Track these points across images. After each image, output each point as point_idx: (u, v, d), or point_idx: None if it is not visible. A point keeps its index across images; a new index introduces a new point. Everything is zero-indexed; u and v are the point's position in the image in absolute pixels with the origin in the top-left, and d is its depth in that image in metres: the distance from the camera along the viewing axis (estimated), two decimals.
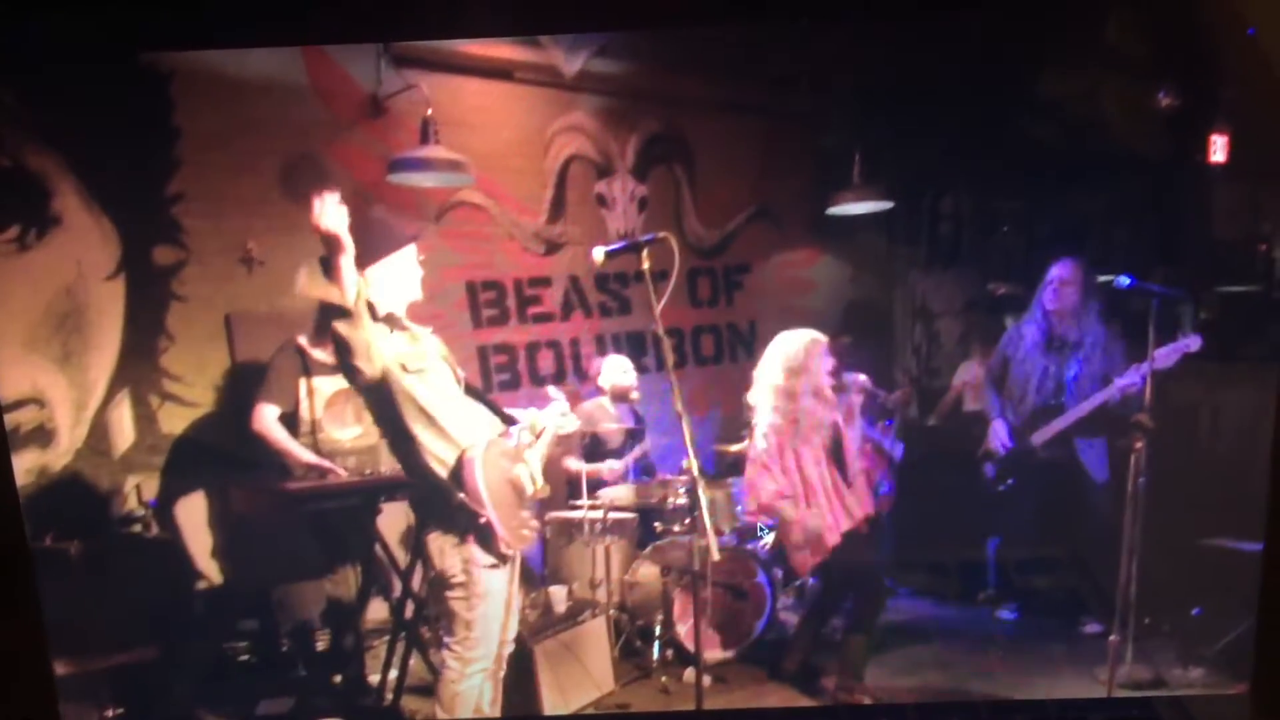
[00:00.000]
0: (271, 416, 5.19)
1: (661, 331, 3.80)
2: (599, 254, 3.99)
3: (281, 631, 5.36)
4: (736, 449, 6.34)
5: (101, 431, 5.31)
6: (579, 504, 5.74)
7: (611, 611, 5.54)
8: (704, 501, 3.86)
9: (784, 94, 7.82)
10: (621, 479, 6.24)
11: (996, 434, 6.03)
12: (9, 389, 4.93)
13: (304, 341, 5.25)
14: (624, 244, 4.04)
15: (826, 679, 5.30)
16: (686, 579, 5.48)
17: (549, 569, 5.98)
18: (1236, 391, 5.68)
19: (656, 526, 5.91)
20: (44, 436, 5.11)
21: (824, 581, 5.64)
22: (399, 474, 4.41)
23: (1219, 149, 6.09)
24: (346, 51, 5.96)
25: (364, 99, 6.11)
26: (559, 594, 5.50)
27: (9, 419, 4.89)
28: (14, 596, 3.48)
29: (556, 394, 4.60)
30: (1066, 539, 5.92)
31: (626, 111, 7.39)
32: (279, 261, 5.75)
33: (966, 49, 6.33)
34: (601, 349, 7.26)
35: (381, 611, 5.65)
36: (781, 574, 6.21)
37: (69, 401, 5.18)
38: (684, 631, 5.50)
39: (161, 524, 5.37)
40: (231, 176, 5.62)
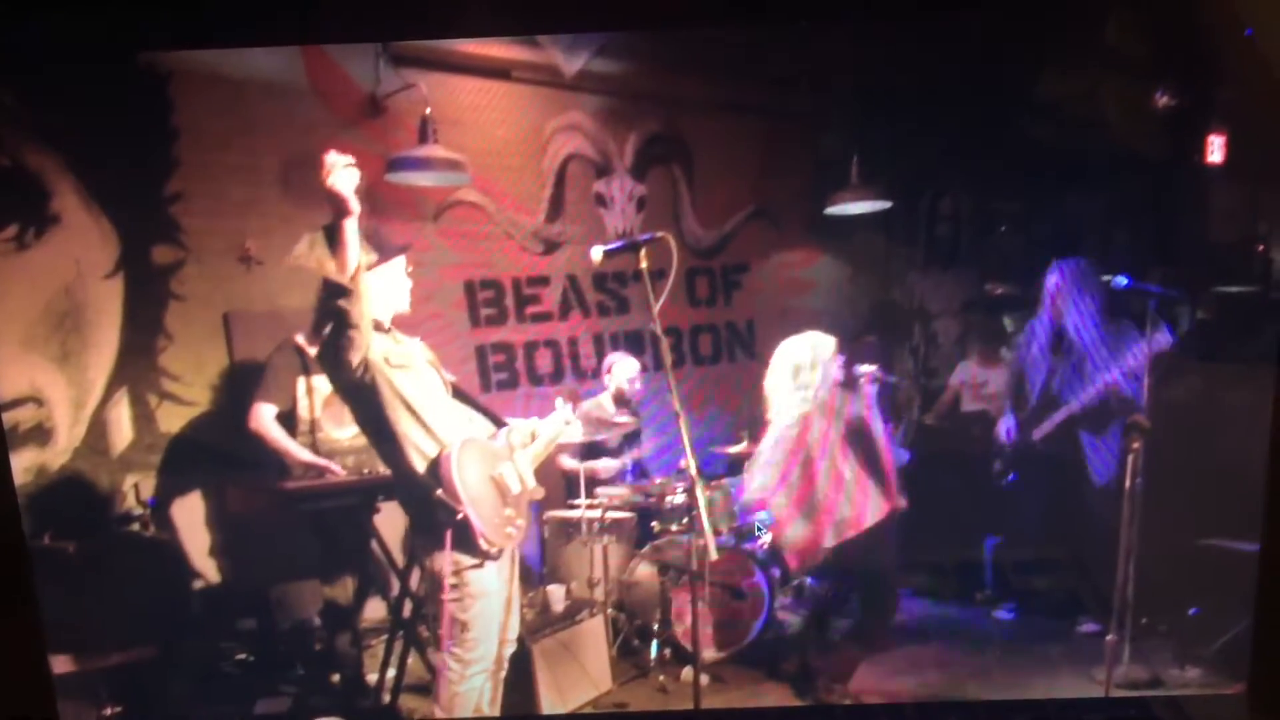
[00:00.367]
0: (269, 416, 5.19)
1: (660, 331, 3.80)
2: (597, 253, 4.00)
3: (279, 631, 5.36)
4: (735, 449, 6.34)
5: (100, 430, 5.31)
6: (577, 503, 5.74)
7: (609, 611, 5.55)
8: (702, 501, 3.86)
9: (783, 94, 7.81)
10: (618, 476, 6.24)
11: (1005, 428, 6.09)
12: (7, 387, 4.93)
13: (302, 340, 5.25)
14: (622, 243, 4.04)
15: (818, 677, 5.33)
16: (684, 579, 5.48)
17: (547, 568, 5.98)
18: (1234, 392, 5.68)
19: (654, 526, 5.91)
20: (42, 435, 5.11)
21: (833, 581, 5.63)
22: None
23: (1217, 149, 6.09)
24: (345, 51, 5.95)
25: (362, 98, 6.10)
26: (557, 593, 5.51)
27: (7, 417, 4.89)
28: (12, 595, 3.48)
29: (562, 405, 4.60)
30: (1064, 538, 5.92)
31: (625, 111, 7.38)
32: (277, 261, 5.75)
33: (966, 49, 6.33)
34: (600, 348, 7.26)
35: (380, 611, 5.66)
36: (779, 573, 6.22)
37: (67, 400, 5.18)
38: (681, 631, 5.50)
39: (160, 523, 5.37)
40: (230, 176, 5.62)
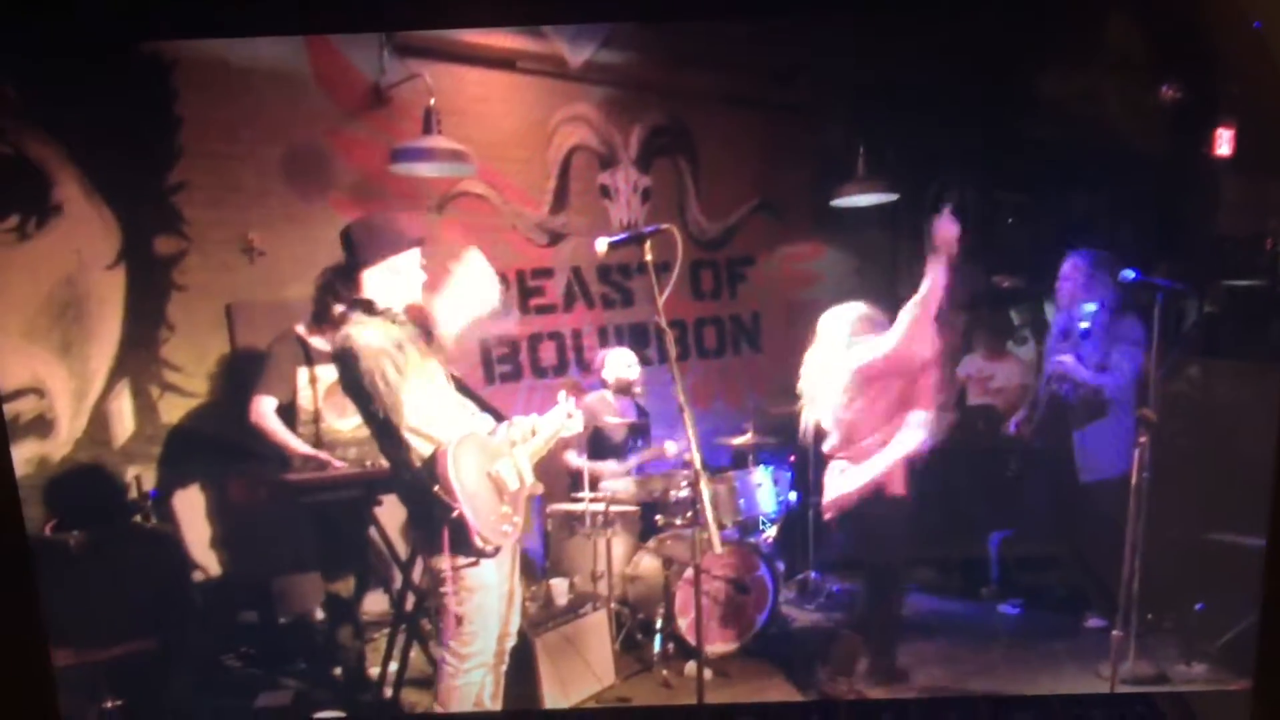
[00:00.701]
0: (269, 408, 5.17)
1: (664, 323, 3.78)
2: (602, 245, 3.98)
3: (281, 623, 5.36)
4: (739, 442, 6.33)
5: (101, 422, 5.30)
6: (580, 496, 5.73)
7: (613, 605, 5.53)
8: (706, 495, 3.84)
9: (788, 87, 7.80)
10: (623, 477, 6.22)
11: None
12: (9, 378, 4.93)
13: (303, 330, 5.23)
14: (627, 235, 4.02)
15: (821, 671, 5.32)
16: (688, 572, 5.46)
17: (550, 561, 5.97)
18: (1241, 386, 5.66)
19: (658, 519, 5.90)
20: (44, 426, 5.10)
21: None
22: None
23: (1224, 143, 6.06)
24: (349, 41, 5.94)
25: (367, 88, 6.09)
26: (560, 586, 5.49)
27: (9, 408, 4.88)
28: (13, 587, 3.47)
29: (564, 399, 4.58)
30: (1063, 532, 5.92)
31: (630, 102, 7.36)
32: (280, 252, 5.74)
33: (973, 41, 6.30)
34: (604, 341, 7.24)
35: (382, 604, 5.65)
36: (784, 567, 6.22)
37: (69, 391, 5.18)
38: (685, 625, 5.48)
39: (161, 515, 5.37)
40: (233, 166, 5.62)
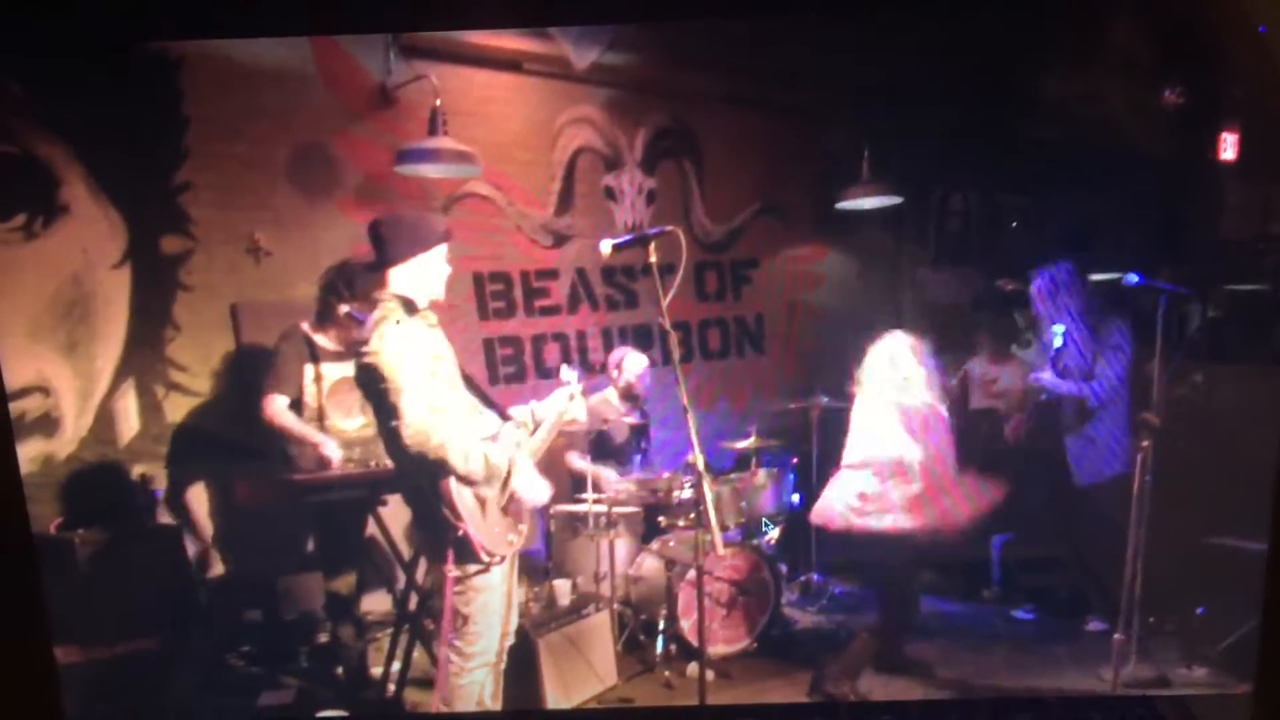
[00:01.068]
0: (282, 405, 5.19)
1: (668, 325, 3.79)
2: (606, 247, 3.99)
3: (285, 622, 5.37)
4: (742, 444, 6.33)
5: (107, 421, 5.31)
6: (583, 497, 5.73)
7: (615, 606, 5.54)
8: (709, 496, 3.85)
9: (793, 89, 7.80)
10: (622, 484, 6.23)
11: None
12: (14, 377, 4.93)
13: (308, 327, 5.24)
14: (631, 237, 4.03)
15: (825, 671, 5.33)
16: (691, 574, 5.47)
17: (553, 562, 5.97)
18: (1243, 390, 5.66)
19: (661, 521, 5.91)
20: (49, 425, 5.11)
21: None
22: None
23: (1228, 146, 6.07)
24: (356, 41, 5.95)
25: (373, 89, 6.10)
26: (563, 587, 5.50)
27: (14, 407, 4.89)
28: (17, 585, 3.48)
29: (569, 374, 4.57)
30: (1062, 534, 5.94)
31: (635, 105, 7.37)
32: (286, 252, 5.75)
33: (977, 44, 6.30)
34: (608, 342, 7.25)
35: (385, 604, 5.66)
36: (786, 569, 6.22)
37: (74, 390, 5.19)
38: (687, 626, 5.49)
39: (166, 514, 5.38)
40: (239, 166, 5.62)
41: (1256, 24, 3.81)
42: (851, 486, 5.26)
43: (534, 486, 4.25)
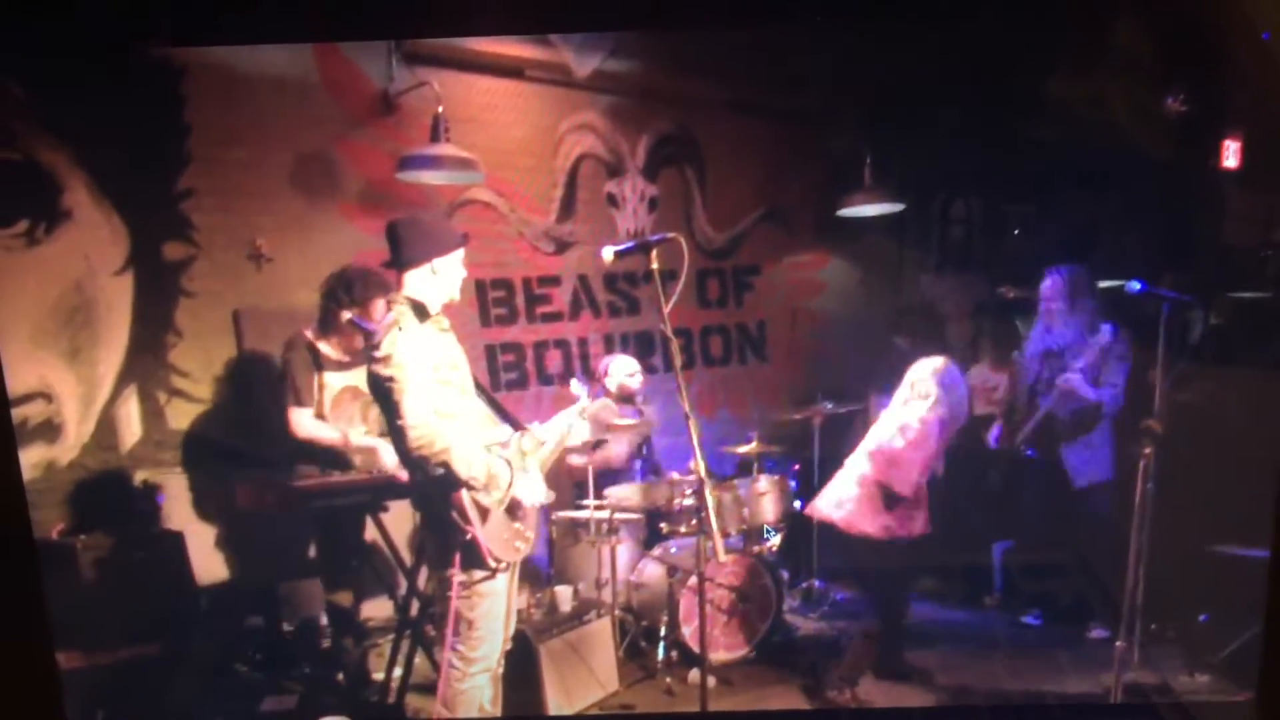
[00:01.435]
0: (307, 418, 5.17)
1: (670, 332, 3.79)
2: (608, 254, 3.99)
3: (287, 628, 5.37)
4: (744, 450, 6.33)
5: (109, 427, 5.32)
6: (585, 504, 5.73)
7: (617, 612, 5.54)
8: (710, 503, 3.85)
9: (795, 96, 7.81)
10: (628, 469, 6.22)
11: (992, 433, 6.24)
12: (17, 383, 4.94)
13: (311, 335, 5.24)
14: (633, 244, 4.03)
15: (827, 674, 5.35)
16: (692, 580, 5.47)
17: (555, 569, 5.97)
18: (1246, 397, 5.66)
19: (662, 527, 5.90)
20: (51, 431, 5.12)
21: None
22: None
23: (1231, 154, 6.07)
24: (358, 48, 5.96)
25: (375, 96, 6.12)
26: (565, 594, 5.50)
27: (17, 413, 4.90)
28: (19, 591, 3.48)
29: (579, 388, 4.56)
30: (1061, 542, 5.94)
31: (637, 111, 7.39)
32: (288, 258, 5.76)
33: (979, 52, 6.31)
34: (610, 349, 7.25)
35: (386, 609, 5.66)
36: (788, 576, 6.22)
37: (77, 396, 5.19)
38: (689, 633, 5.49)
39: (167, 520, 5.38)
40: (241, 173, 5.64)
41: (1260, 31, 3.81)
42: (842, 484, 5.33)
43: (536, 492, 4.25)
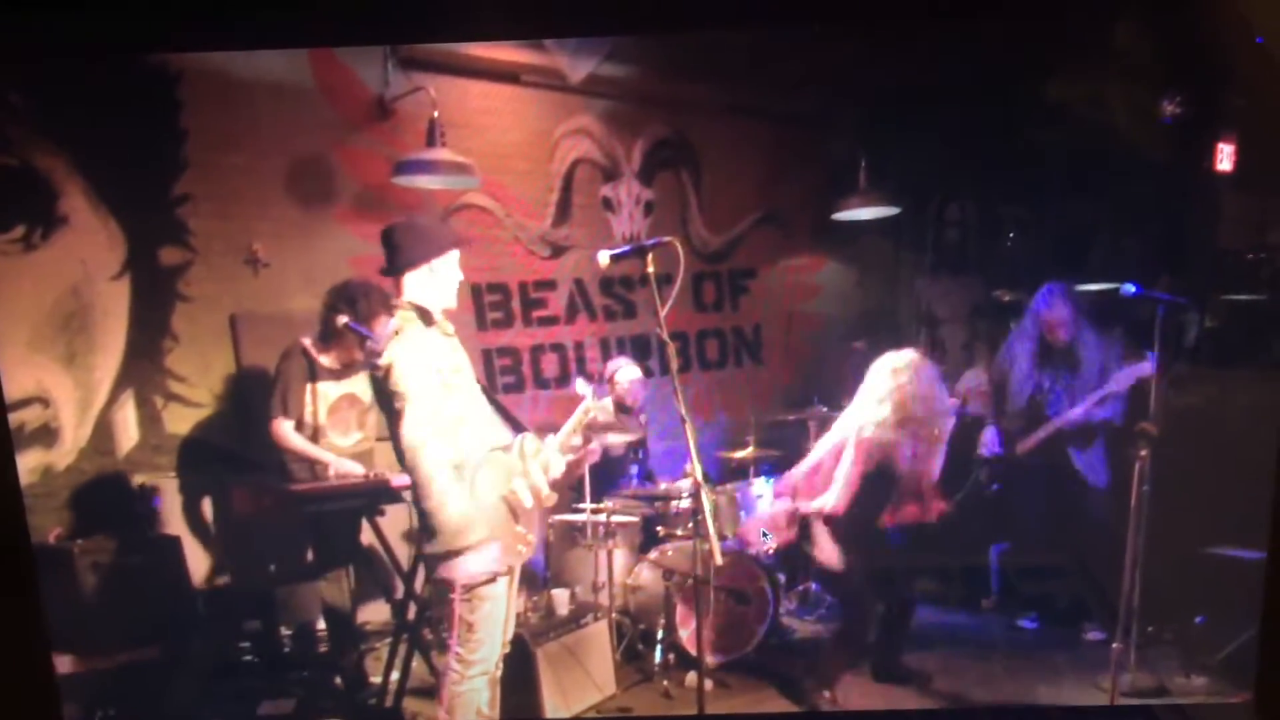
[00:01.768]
0: (290, 429, 5.19)
1: (666, 335, 3.79)
2: (604, 257, 3.98)
3: (284, 632, 5.37)
4: (740, 454, 6.34)
5: (106, 431, 5.32)
6: (582, 507, 5.74)
7: (614, 615, 5.54)
8: (707, 506, 3.85)
9: (790, 99, 7.83)
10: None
11: (985, 440, 6.10)
12: (14, 388, 4.94)
13: (308, 343, 5.25)
14: (629, 248, 4.03)
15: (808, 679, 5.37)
16: (689, 583, 5.47)
17: (552, 572, 5.97)
18: (1241, 399, 5.67)
19: (659, 530, 5.91)
20: (48, 436, 5.12)
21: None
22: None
23: (1226, 157, 6.09)
24: (354, 53, 5.97)
25: (371, 101, 6.12)
26: (561, 597, 5.49)
27: (14, 418, 4.89)
28: (16, 595, 3.48)
29: (585, 387, 4.56)
30: (1058, 544, 5.93)
31: (633, 115, 7.40)
32: (284, 263, 5.77)
33: (975, 56, 6.33)
34: (606, 353, 7.26)
35: (383, 613, 5.66)
36: (784, 579, 6.22)
37: (74, 401, 5.19)
38: (686, 636, 5.49)
39: (164, 524, 5.38)
40: (238, 178, 5.64)
41: (1255, 35, 3.82)
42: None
43: (538, 493, 4.24)
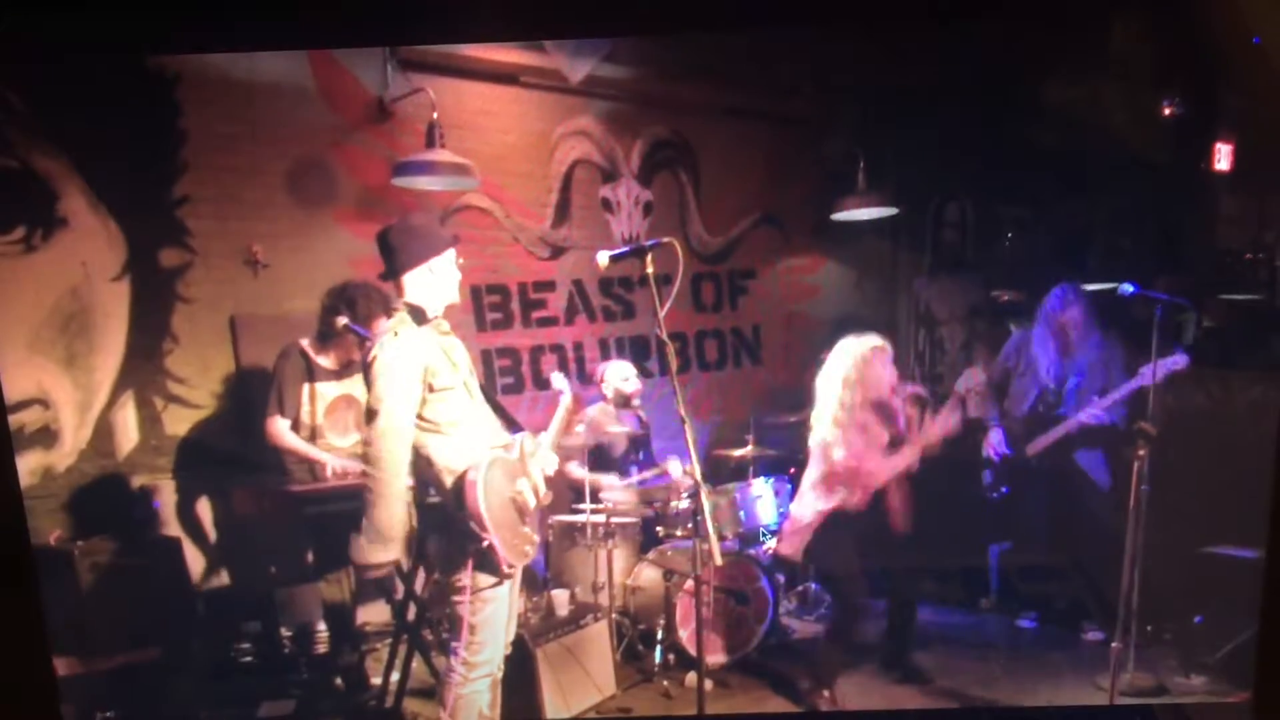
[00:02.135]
0: (285, 429, 5.21)
1: (665, 336, 3.80)
2: (603, 258, 3.99)
3: (283, 633, 5.37)
4: (740, 454, 6.35)
5: (106, 433, 5.32)
6: (581, 508, 5.75)
7: (614, 615, 5.54)
8: (706, 506, 3.85)
9: (789, 100, 7.84)
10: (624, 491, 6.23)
11: (992, 442, 6.07)
12: (14, 390, 4.94)
13: (306, 344, 5.26)
14: (628, 248, 4.03)
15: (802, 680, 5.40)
16: (689, 583, 5.48)
17: (552, 572, 5.98)
18: (1239, 399, 5.68)
19: (659, 531, 5.91)
20: (48, 437, 5.12)
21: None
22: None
23: (1224, 157, 6.10)
24: (353, 55, 5.97)
25: (370, 102, 6.12)
26: (561, 597, 5.50)
27: (14, 419, 4.90)
28: (16, 597, 3.48)
29: (560, 382, 4.57)
30: (1065, 546, 5.93)
31: (632, 116, 7.40)
32: (284, 264, 5.77)
33: (973, 56, 6.34)
34: (605, 353, 7.27)
35: (384, 614, 5.66)
36: (784, 579, 6.22)
37: (73, 403, 5.19)
38: (686, 636, 5.50)
39: (165, 525, 5.38)
40: (237, 179, 5.64)
41: (1251, 35, 3.83)
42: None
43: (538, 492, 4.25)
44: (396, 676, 4.98)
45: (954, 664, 5.65)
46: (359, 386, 5.26)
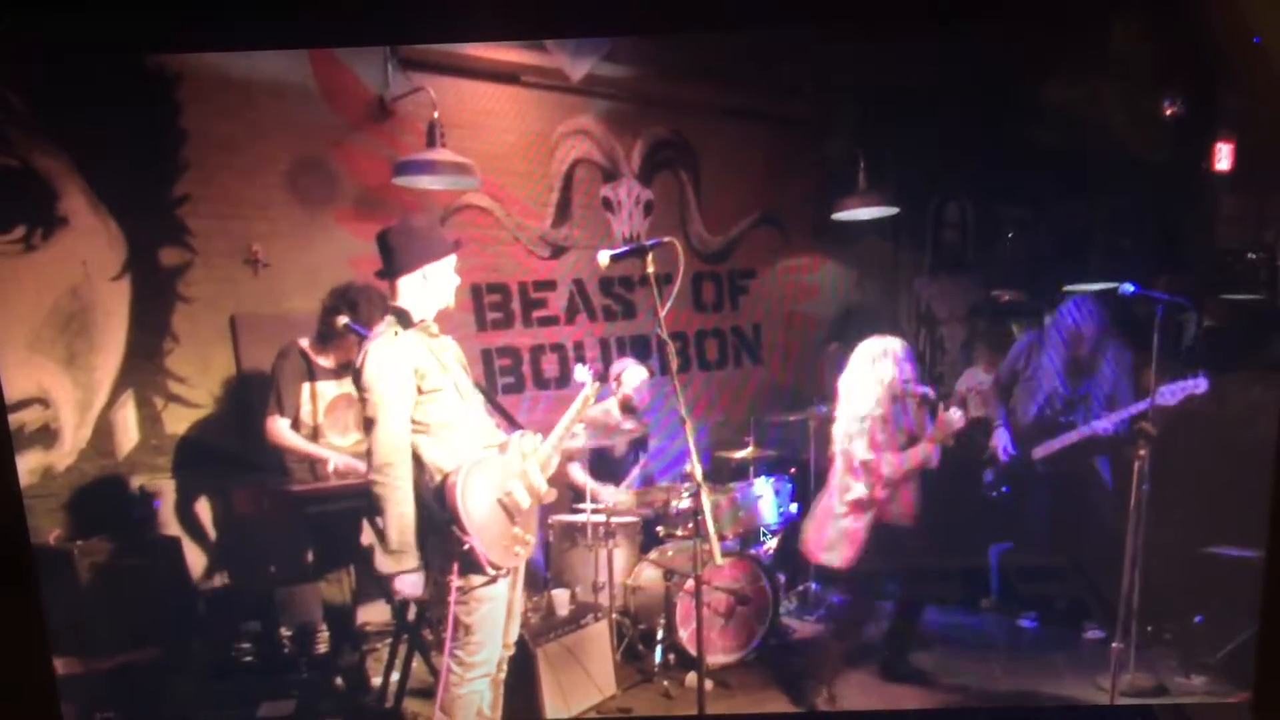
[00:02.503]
0: (285, 428, 5.22)
1: (665, 335, 3.80)
2: (604, 258, 3.99)
3: (283, 633, 5.37)
4: (740, 454, 6.34)
5: (106, 432, 5.32)
6: (582, 508, 5.74)
7: (614, 615, 5.54)
8: (707, 506, 3.85)
9: (790, 100, 7.83)
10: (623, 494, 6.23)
11: (1000, 442, 6.06)
12: (14, 389, 4.94)
13: (306, 344, 5.26)
14: (629, 248, 4.03)
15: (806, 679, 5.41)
16: (689, 583, 5.47)
17: (552, 572, 5.98)
18: (1239, 399, 5.67)
19: (659, 531, 5.91)
20: (48, 437, 5.12)
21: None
22: None
23: (1224, 157, 6.09)
24: (354, 54, 5.97)
25: (371, 102, 6.12)
26: (562, 597, 5.50)
27: (14, 419, 4.90)
28: (16, 596, 3.48)
29: (584, 374, 4.56)
30: (1066, 546, 5.93)
31: (632, 116, 7.40)
32: (284, 264, 5.77)
33: (973, 56, 6.33)
34: (606, 353, 7.26)
35: (384, 614, 5.66)
36: (785, 579, 6.22)
37: (74, 402, 5.20)
38: (686, 636, 5.50)
39: (164, 525, 5.38)
40: (238, 179, 5.64)
41: (1252, 34, 3.83)
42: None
43: (536, 492, 4.23)
44: (397, 676, 4.99)
45: (954, 664, 5.65)
46: None
